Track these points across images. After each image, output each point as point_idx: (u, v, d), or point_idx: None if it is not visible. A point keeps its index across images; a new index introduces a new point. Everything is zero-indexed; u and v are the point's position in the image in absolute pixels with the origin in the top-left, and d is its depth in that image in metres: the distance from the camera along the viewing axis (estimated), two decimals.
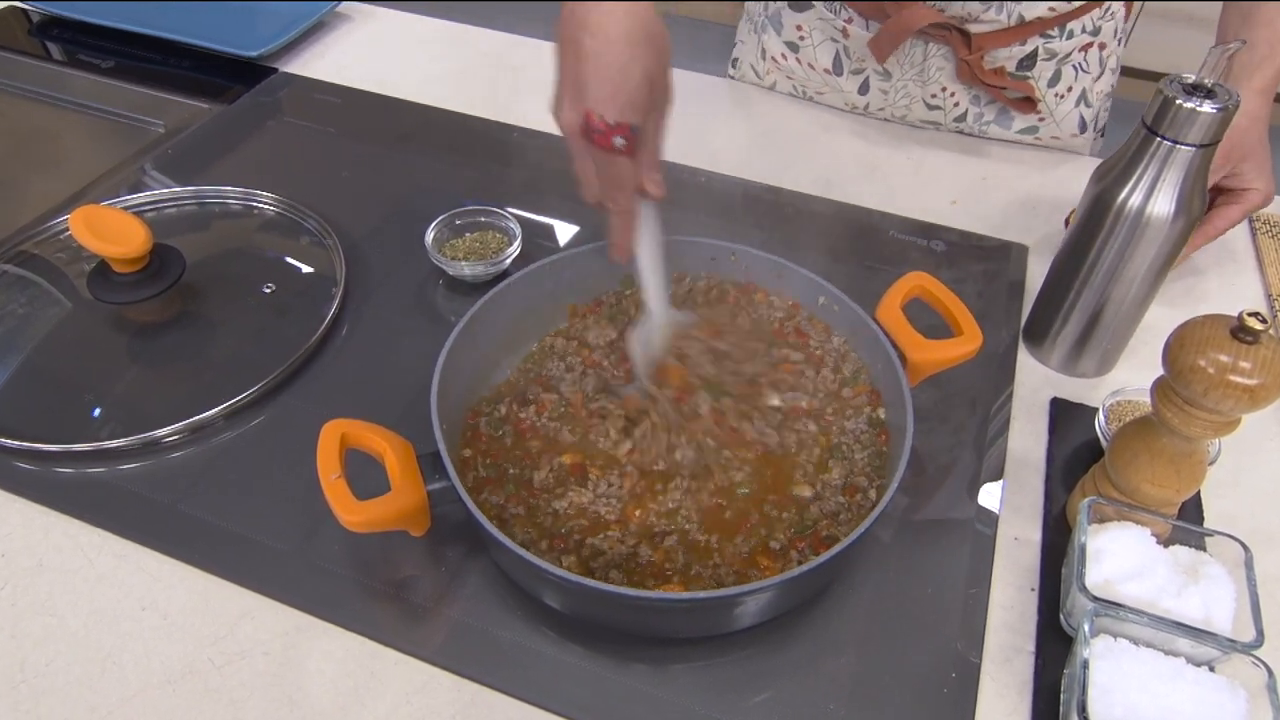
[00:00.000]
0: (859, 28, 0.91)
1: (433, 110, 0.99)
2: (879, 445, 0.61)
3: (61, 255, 0.78)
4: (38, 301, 0.75)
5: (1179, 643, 0.49)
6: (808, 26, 0.95)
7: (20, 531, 0.60)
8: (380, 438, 0.54)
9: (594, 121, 0.53)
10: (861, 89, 0.97)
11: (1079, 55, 0.89)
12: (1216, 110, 0.57)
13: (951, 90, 0.92)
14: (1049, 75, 0.90)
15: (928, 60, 0.90)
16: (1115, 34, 0.90)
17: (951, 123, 0.96)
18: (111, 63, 1.04)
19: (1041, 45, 0.87)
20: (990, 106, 0.94)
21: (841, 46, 0.94)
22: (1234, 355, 0.48)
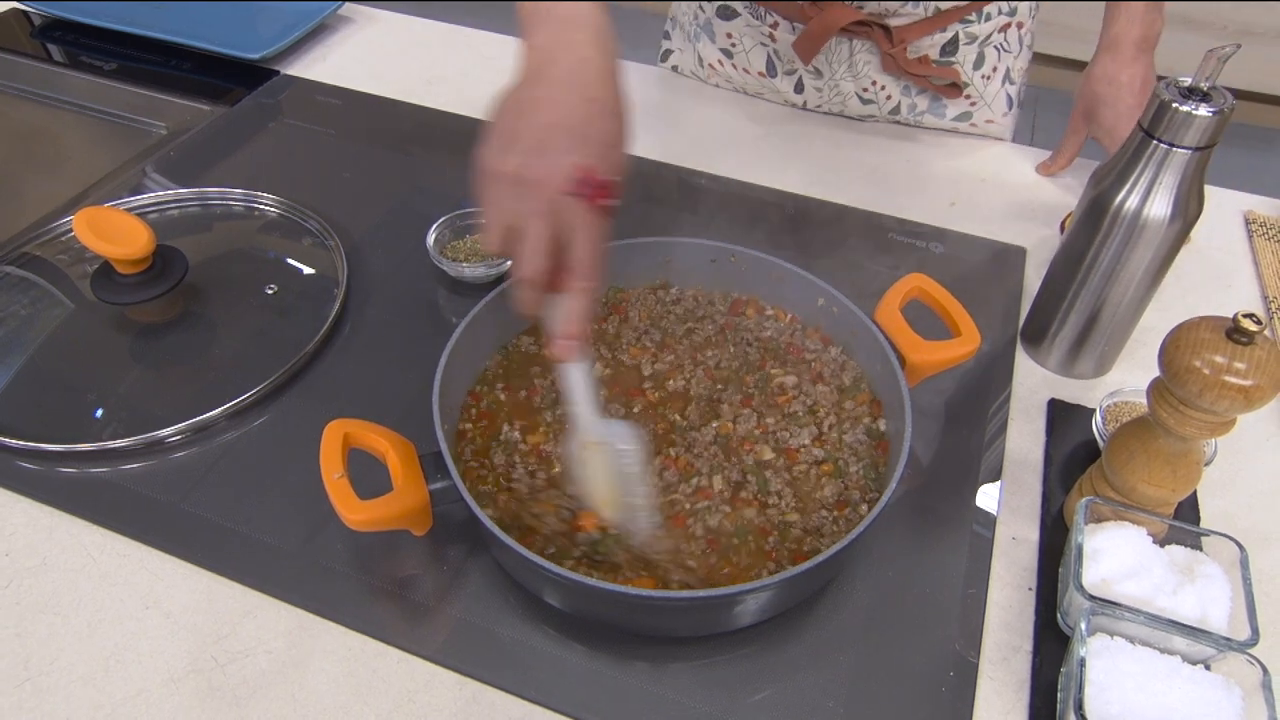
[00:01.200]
0: (785, 31, 0.92)
1: (434, 112, 0.99)
2: (875, 458, 0.61)
3: (64, 256, 0.79)
4: (41, 302, 0.76)
5: (1175, 641, 0.50)
6: (737, 34, 0.97)
7: (24, 531, 0.60)
8: (382, 438, 0.55)
9: (589, 175, 0.49)
10: (796, 88, 0.98)
11: (999, 36, 0.91)
12: (1212, 113, 0.58)
13: (882, 83, 0.94)
14: (973, 59, 0.92)
15: (854, 56, 0.92)
16: (1030, 12, 0.92)
17: (886, 115, 0.98)
18: (114, 65, 1.04)
19: (961, 30, 0.89)
20: (922, 96, 0.95)
21: (772, 50, 0.96)
22: (1229, 356, 0.48)
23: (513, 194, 0.50)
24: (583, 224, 0.50)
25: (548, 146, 0.50)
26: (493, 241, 0.52)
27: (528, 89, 0.52)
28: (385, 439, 0.55)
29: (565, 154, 0.50)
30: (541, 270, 0.50)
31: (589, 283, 0.51)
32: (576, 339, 0.52)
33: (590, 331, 0.55)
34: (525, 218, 0.50)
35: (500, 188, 0.51)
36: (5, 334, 0.73)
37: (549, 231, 0.50)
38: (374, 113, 1.00)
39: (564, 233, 0.50)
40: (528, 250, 0.50)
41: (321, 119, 0.98)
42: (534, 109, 0.51)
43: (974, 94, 0.94)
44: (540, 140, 0.50)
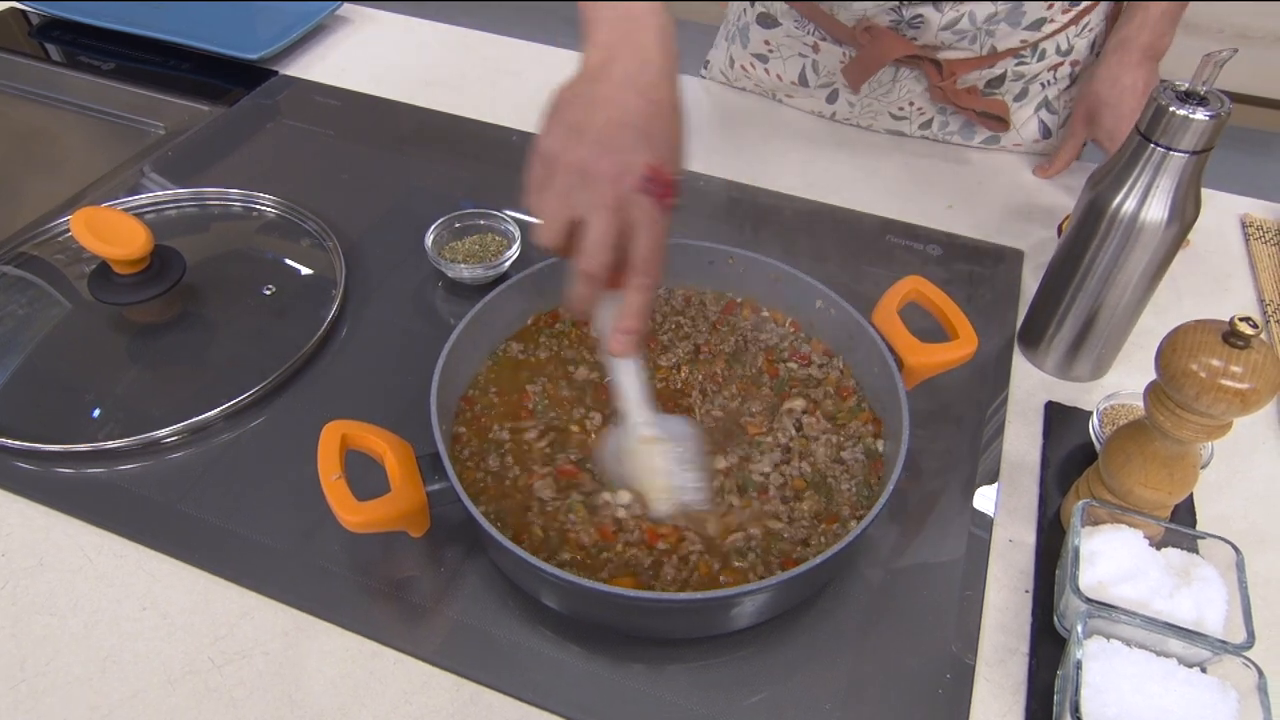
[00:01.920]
0: (830, 48, 0.92)
1: (432, 113, 0.99)
2: (869, 476, 0.60)
3: (62, 256, 0.79)
4: (38, 302, 0.76)
5: (1171, 644, 0.50)
6: (775, 42, 0.96)
7: (20, 531, 0.60)
8: (380, 439, 0.55)
9: (661, 174, 0.50)
10: (829, 99, 0.98)
11: (1048, 74, 0.91)
12: (1209, 117, 0.58)
13: (919, 105, 0.94)
14: (1015, 91, 0.91)
15: (898, 83, 0.92)
16: (1092, 48, 0.91)
17: (916, 131, 0.97)
18: (112, 64, 1.04)
19: (1011, 69, 0.89)
20: (955, 117, 0.95)
21: (810, 61, 0.95)
22: (1225, 360, 0.48)
23: (578, 186, 0.50)
24: (648, 220, 0.50)
25: (616, 143, 0.50)
26: (551, 234, 0.51)
27: (590, 85, 0.52)
28: (383, 440, 0.55)
29: (634, 151, 0.50)
30: (606, 264, 0.50)
31: (651, 279, 0.51)
32: (636, 334, 0.52)
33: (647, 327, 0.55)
34: (591, 211, 0.50)
35: (564, 179, 0.50)
36: (2, 334, 0.72)
37: (615, 226, 0.50)
38: (372, 113, 1.00)
39: (628, 228, 0.50)
40: (592, 243, 0.50)
41: (320, 119, 0.98)
42: (598, 105, 0.51)
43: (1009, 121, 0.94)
44: (608, 136, 0.50)
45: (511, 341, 0.68)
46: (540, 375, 0.66)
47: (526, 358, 0.67)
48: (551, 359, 0.67)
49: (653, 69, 0.52)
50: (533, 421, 0.63)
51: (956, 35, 0.84)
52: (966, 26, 0.83)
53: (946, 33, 0.84)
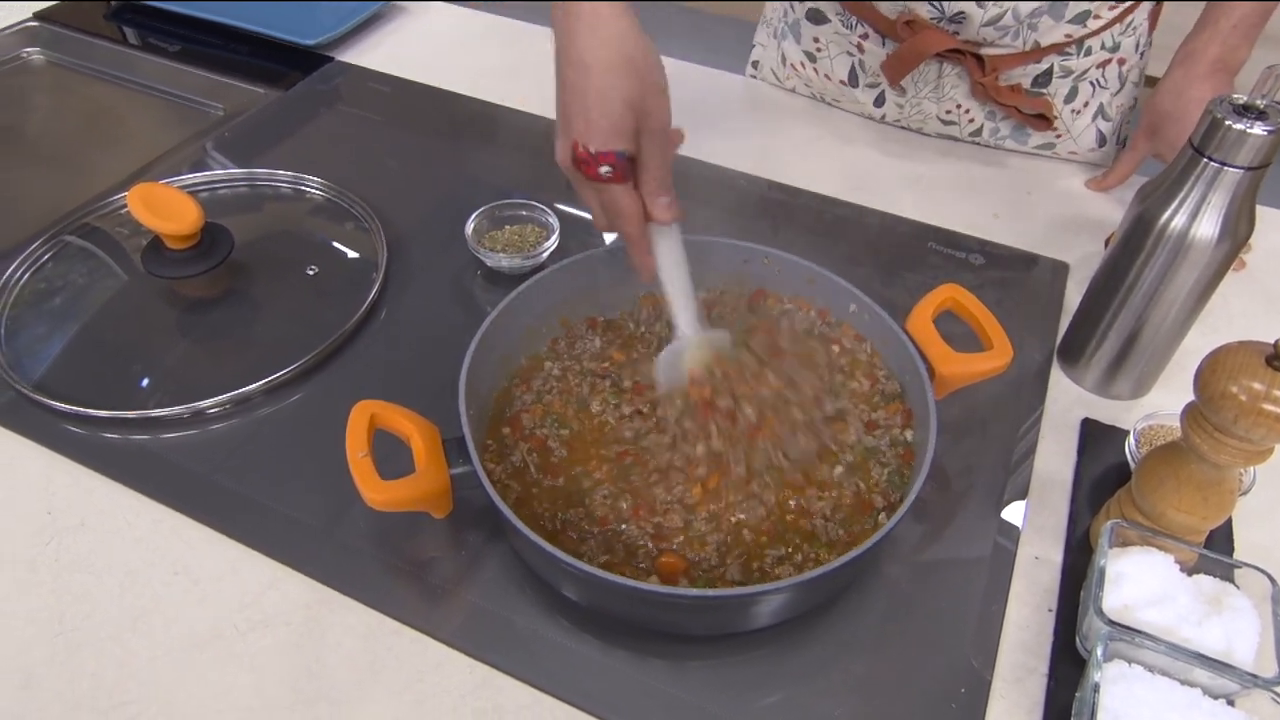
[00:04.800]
0: (874, 44, 0.91)
1: (482, 103, 1.01)
2: (901, 465, 0.61)
3: (121, 229, 0.82)
4: (95, 273, 0.78)
5: (1197, 673, 0.49)
6: (824, 39, 0.95)
7: (66, 491, 0.62)
8: (408, 420, 0.56)
9: (579, 152, 0.55)
10: (877, 101, 0.97)
11: (1096, 72, 0.88)
12: (1268, 132, 0.56)
13: (966, 107, 0.92)
14: (1065, 92, 0.89)
15: (942, 79, 0.90)
16: (1137, 48, 0.89)
17: (967, 137, 0.96)
18: (178, 47, 1.08)
19: (1058, 63, 0.87)
20: (1005, 122, 0.93)
21: (857, 60, 0.94)
22: (1268, 384, 0.47)
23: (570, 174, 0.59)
24: (594, 191, 0.58)
25: (560, 133, 0.58)
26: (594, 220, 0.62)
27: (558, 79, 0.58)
28: (411, 422, 0.56)
29: (564, 138, 0.57)
30: (604, 226, 0.61)
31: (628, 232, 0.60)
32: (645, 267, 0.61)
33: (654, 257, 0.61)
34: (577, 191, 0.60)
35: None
36: (61, 302, 0.75)
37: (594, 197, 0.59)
38: (423, 102, 1.01)
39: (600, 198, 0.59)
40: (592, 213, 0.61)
41: (372, 106, 1.00)
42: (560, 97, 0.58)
43: (1061, 127, 0.92)
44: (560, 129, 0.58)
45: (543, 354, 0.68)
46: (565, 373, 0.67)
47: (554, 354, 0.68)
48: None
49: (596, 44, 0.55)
50: (566, 410, 0.63)
51: (999, 31, 0.83)
52: (1010, 22, 0.82)
53: (989, 29, 0.83)
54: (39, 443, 0.65)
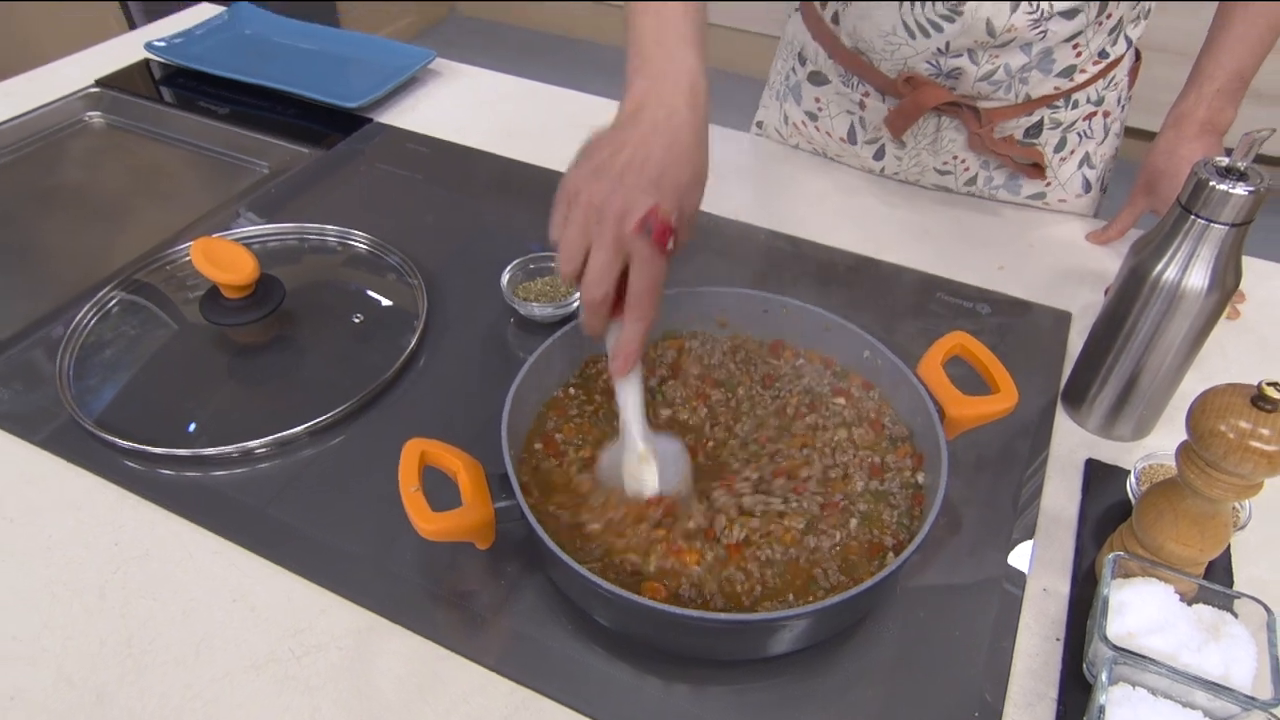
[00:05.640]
0: (875, 101, 0.97)
1: (513, 162, 1.07)
2: (911, 507, 0.64)
3: (176, 280, 0.87)
4: (155, 319, 0.84)
5: (1197, 696, 0.52)
6: (825, 99, 1.02)
7: (131, 524, 0.66)
8: (455, 457, 0.60)
9: (659, 217, 0.54)
10: (877, 155, 1.03)
11: (1083, 123, 0.95)
12: (1249, 192, 0.61)
13: (962, 158, 0.98)
14: (1055, 142, 0.96)
15: (940, 132, 0.96)
16: (1119, 101, 0.96)
17: (962, 186, 1.02)
18: (226, 109, 1.14)
19: (1047, 115, 0.93)
20: (999, 171, 0.99)
21: (858, 118, 1.01)
22: (1254, 422, 0.51)
23: (590, 221, 0.56)
24: (644, 260, 0.55)
25: (627, 184, 0.55)
26: (568, 264, 0.57)
27: (619, 130, 0.58)
28: (457, 459, 0.60)
29: (642, 193, 0.55)
30: (605, 296, 0.56)
31: (644, 315, 0.57)
32: (630, 359, 0.58)
33: (642, 356, 0.60)
34: (597, 245, 0.55)
35: (582, 214, 0.56)
36: (123, 345, 0.80)
37: (615, 262, 0.55)
38: (458, 161, 1.07)
39: (629, 265, 0.56)
40: (592, 274, 0.56)
41: (409, 164, 1.06)
42: (621, 149, 0.57)
43: (1050, 175, 0.98)
44: (622, 177, 0.55)
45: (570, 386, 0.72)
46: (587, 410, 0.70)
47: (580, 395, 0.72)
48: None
49: (677, 120, 0.58)
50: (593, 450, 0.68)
51: (993, 85, 0.89)
52: (1002, 77, 0.88)
53: (983, 83, 0.89)
54: (103, 477, 0.69)
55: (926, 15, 0.84)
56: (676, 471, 0.62)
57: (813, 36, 1.00)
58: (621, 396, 0.61)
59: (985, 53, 0.86)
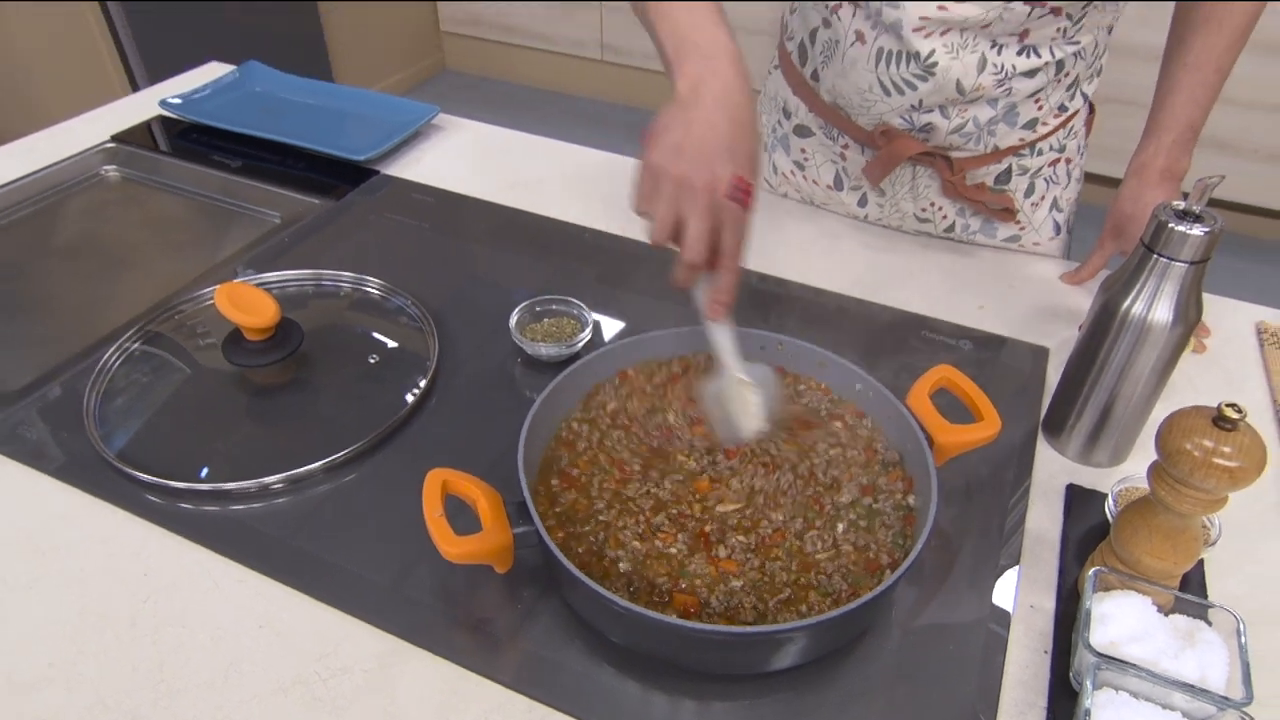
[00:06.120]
0: (855, 152, 1.04)
1: (515, 211, 1.12)
2: (904, 527, 0.68)
3: (192, 326, 0.91)
4: (175, 362, 0.87)
5: (1175, 698, 0.55)
6: (810, 150, 1.09)
7: (158, 555, 0.69)
8: (474, 486, 0.64)
9: (744, 183, 0.64)
10: (860, 202, 1.09)
11: (1049, 169, 1.02)
12: (1204, 233, 0.66)
13: (939, 205, 1.05)
14: (1024, 188, 1.02)
15: (916, 180, 1.03)
16: (1079, 149, 1.04)
17: (941, 232, 1.08)
18: (238, 163, 1.19)
19: (1015, 163, 1.00)
20: (975, 217, 1.05)
21: (841, 167, 1.08)
22: (1216, 441, 0.55)
23: (680, 194, 0.64)
24: (734, 220, 0.65)
25: (708, 158, 0.63)
26: (661, 233, 0.65)
27: (684, 110, 0.65)
28: (476, 487, 0.64)
29: (723, 165, 0.63)
30: (704, 255, 0.65)
31: (738, 264, 0.67)
32: (727, 304, 0.68)
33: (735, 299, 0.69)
34: (691, 214, 0.64)
35: (669, 189, 0.64)
36: (144, 387, 0.84)
37: (710, 225, 0.64)
38: (462, 210, 1.12)
39: (719, 226, 0.65)
40: (693, 239, 0.64)
41: (416, 214, 1.11)
42: (693, 126, 0.64)
43: (1024, 220, 1.05)
44: (703, 153, 0.63)
45: (575, 421, 0.76)
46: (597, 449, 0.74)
47: (587, 431, 0.75)
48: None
49: (735, 93, 0.65)
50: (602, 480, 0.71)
51: (963, 137, 0.96)
52: (972, 129, 0.95)
53: (954, 135, 0.95)
54: (130, 511, 0.72)
55: (901, 75, 0.91)
56: (771, 395, 0.71)
57: (793, 92, 1.06)
58: (718, 337, 0.70)
59: (955, 108, 0.92)
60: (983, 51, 0.87)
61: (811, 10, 0.99)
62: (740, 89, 0.66)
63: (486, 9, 3.65)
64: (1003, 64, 0.88)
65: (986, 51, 0.87)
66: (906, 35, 0.87)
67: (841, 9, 0.93)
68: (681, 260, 0.66)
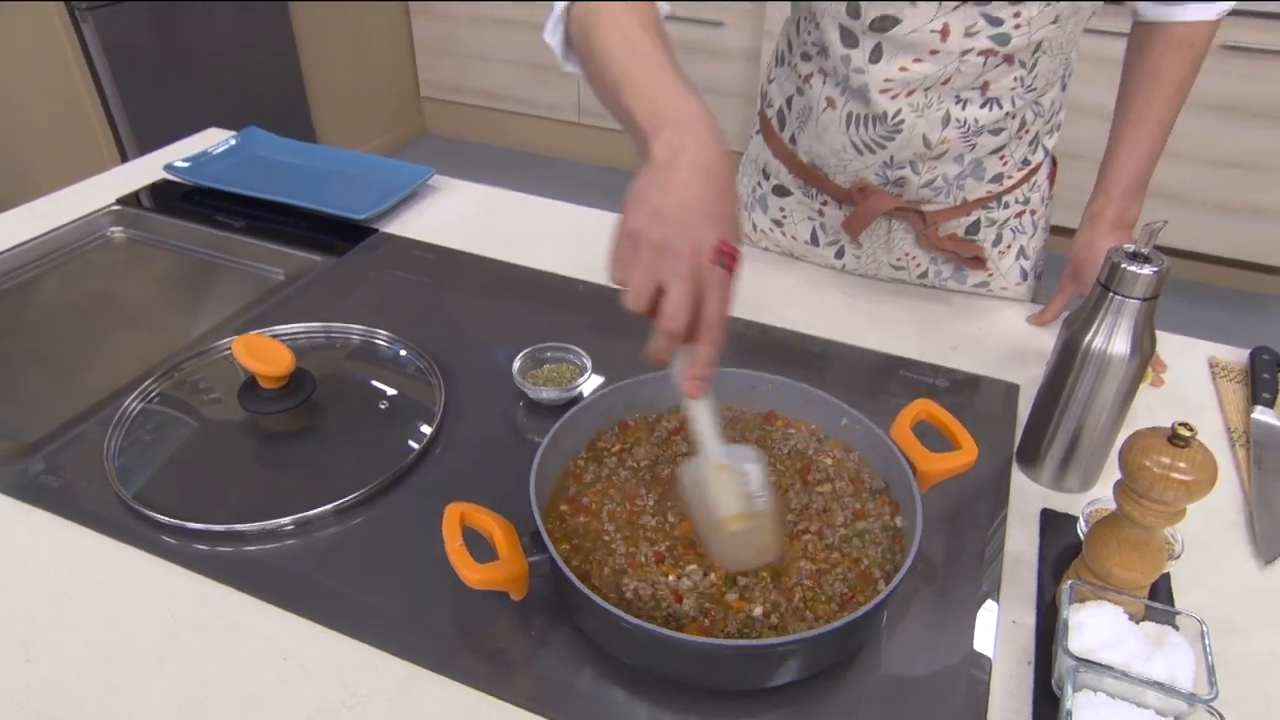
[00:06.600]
0: (833, 208, 1.11)
1: (512, 266, 1.17)
2: (892, 547, 0.73)
3: (208, 376, 0.94)
4: (192, 410, 0.90)
5: (1149, 696, 0.60)
6: (789, 208, 1.16)
7: (182, 593, 0.72)
8: (489, 518, 0.68)
9: (726, 247, 0.61)
10: (837, 255, 1.16)
11: (1015, 220, 1.10)
12: (1153, 272, 0.73)
13: (913, 254, 1.12)
14: (992, 238, 1.10)
15: (891, 233, 1.10)
16: (1043, 200, 1.12)
17: (915, 279, 1.15)
18: (242, 223, 1.24)
19: (984, 215, 1.08)
20: (946, 265, 1.13)
21: (818, 223, 1.15)
22: (1172, 457, 0.61)
23: (660, 259, 0.60)
24: (718, 286, 0.61)
25: (690, 222, 0.60)
26: (638, 300, 0.61)
27: (664, 173, 0.63)
28: (492, 519, 0.68)
29: (705, 229, 0.60)
30: (685, 324, 0.60)
31: (720, 335, 0.62)
32: (705, 380, 0.63)
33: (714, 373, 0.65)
34: (672, 280, 0.60)
35: (648, 253, 0.60)
36: (161, 436, 0.87)
37: (692, 292, 0.60)
38: (460, 265, 1.18)
39: (701, 293, 0.61)
40: (673, 306, 0.60)
41: (416, 269, 1.16)
42: (672, 190, 0.62)
43: (992, 267, 1.12)
44: (684, 217, 0.61)
45: (580, 459, 0.80)
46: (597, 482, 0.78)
47: (590, 469, 0.80)
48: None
49: (715, 157, 0.64)
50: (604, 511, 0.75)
51: (934, 191, 1.03)
52: (941, 184, 1.02)
53: (925, 190, 1.03)
54: (151, 552, 0.75)
55: (870, 135, 0.98)
56: (755, 480, 0.65)
57: (773, 155, 1.13)
58: (695, 415, 0.65)
59: (925, 164, 1.00)
60: (947, 108, 0.95)
61: (786, 80, 1.07)
62: (719, 154, 0.65)
63: (465, 75, 3.77)
64: (965, 118, 0.95)
65: (951, 107, 0.95)
66: (873, 98, 0.95)
67: (813, 78, 1.01)
68: (659, 330, 0.61)
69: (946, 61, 0.91)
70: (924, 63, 0.91)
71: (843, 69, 0.96)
